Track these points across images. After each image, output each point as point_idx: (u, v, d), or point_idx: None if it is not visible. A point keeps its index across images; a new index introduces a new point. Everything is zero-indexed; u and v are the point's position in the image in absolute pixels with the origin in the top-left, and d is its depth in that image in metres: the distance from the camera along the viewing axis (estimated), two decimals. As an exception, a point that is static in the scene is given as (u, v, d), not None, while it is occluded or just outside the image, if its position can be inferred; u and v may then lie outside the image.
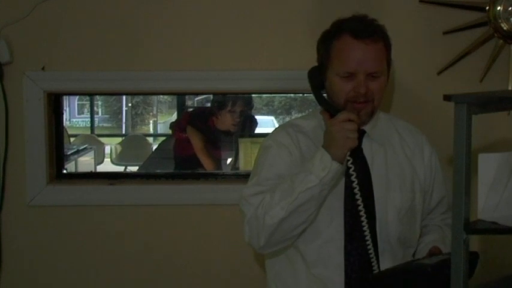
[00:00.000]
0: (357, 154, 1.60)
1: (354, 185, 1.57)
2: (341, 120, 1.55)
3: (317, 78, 1.67)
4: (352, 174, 1.57)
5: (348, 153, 1.55)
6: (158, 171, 4.25)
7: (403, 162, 1.71)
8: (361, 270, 1.61)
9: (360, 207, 1.57)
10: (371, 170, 1.66)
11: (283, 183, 1.57)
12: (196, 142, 3.67)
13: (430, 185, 1.76)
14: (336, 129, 1.54)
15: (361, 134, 1.64)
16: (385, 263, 1.62)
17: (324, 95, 1.68)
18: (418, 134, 1.80)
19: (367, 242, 1.58)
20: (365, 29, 1.60)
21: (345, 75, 1.60)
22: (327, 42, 1.65)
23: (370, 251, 1.59)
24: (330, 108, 1.62)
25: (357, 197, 1.57)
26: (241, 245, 1.78)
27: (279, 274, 1.71)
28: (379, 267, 1.60)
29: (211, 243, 2.28)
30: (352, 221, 1.61)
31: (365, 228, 1.57)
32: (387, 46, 1.65)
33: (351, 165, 1.56)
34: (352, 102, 1.61)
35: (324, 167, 1.52)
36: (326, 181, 1.53)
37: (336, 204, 1.61)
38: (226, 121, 3.68)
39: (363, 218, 1.57)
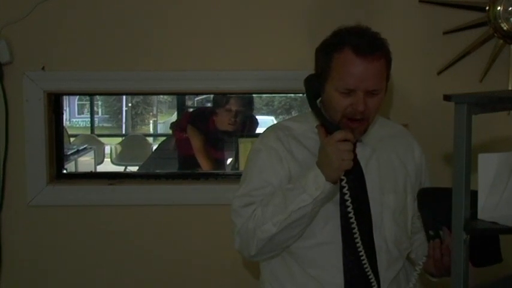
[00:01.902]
0: (352, 170, 1.55)
1: (347, 197, 1.54)
2: (337, 140, 1.50)
3: (314, 88, 1.61)
4: (346, 194, 1.54)
5: (342, 173, 1.52)
6: (158, 171, 4.25)
7: (396, 163, 1.70)
8: (360, 273, 1.59)
9: (351, 215, 1.55)
10: (365, 174, 1.64)
11: (275, 197, 1.56)
12: (195, 142, 3.66)
13: (423, 185, 1.75)
14: (331, 149, 1.49)
15: (354, 143, 1.57)
16: (382, 264, 1.62)
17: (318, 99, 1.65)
18: (408, 135, 1.80)
19: (359, 249, 1.56)
20: (368, 45, 1.54)
21: (344, 91, 1.55)
22: (326, 53, 1.59)
23: (362, 257, 1.57)
24: (326, 124, 1.57)
25: (349, 209, 1.54)
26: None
27: (274, 273, 1.69)
28: (373, 271, 1.59)
29: (211, 243, 2.28)
30: (348, 226, 1.59)
31: (356, 235, 1.56)
32: (388, 62, 1.60)
33: (344, 185, 1.53)
34: (347, 119, 1.57)
35: (318, 187, 1.50)
36: (319, 200, 1.52)
37: (331, 207, 1.60)
38: (223, 120, 3.68)
39: (353, 225, 1.55)
